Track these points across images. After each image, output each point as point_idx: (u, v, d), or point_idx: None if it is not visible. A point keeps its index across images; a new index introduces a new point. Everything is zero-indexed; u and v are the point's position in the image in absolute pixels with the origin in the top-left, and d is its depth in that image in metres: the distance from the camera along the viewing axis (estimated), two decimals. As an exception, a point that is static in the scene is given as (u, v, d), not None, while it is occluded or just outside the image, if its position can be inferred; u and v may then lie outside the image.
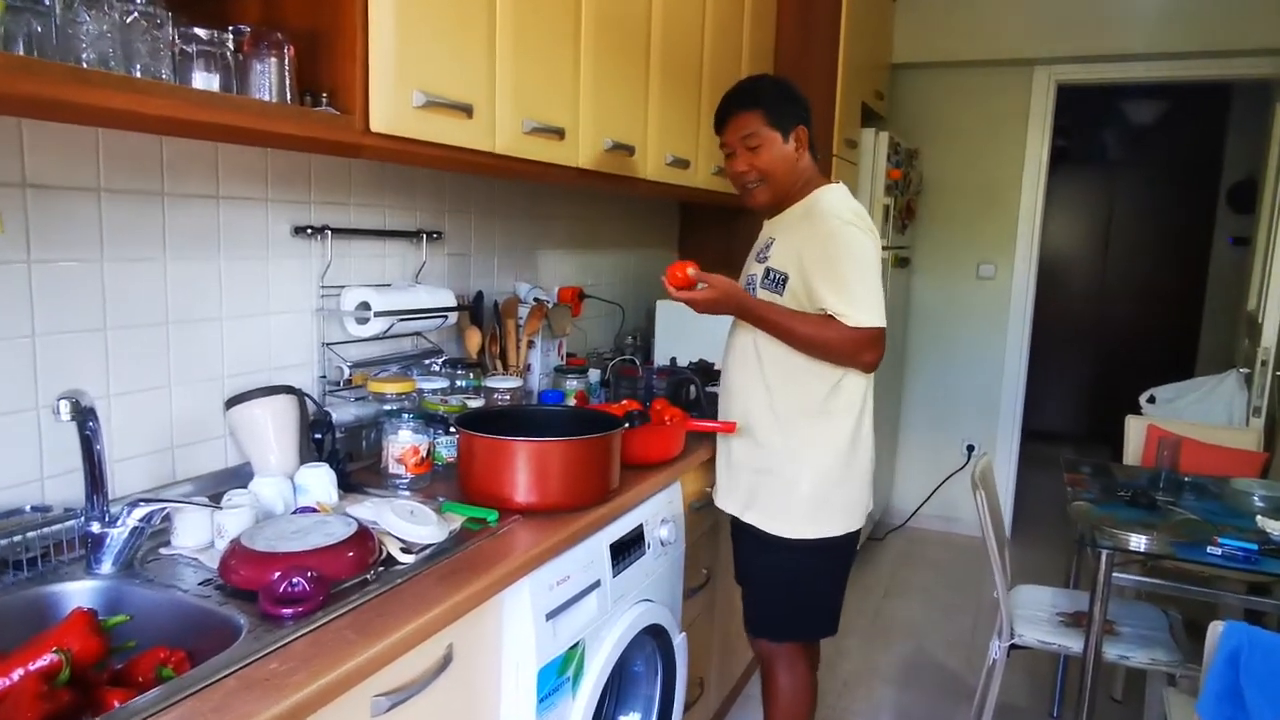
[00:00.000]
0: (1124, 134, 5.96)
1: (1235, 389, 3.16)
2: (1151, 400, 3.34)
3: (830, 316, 1.68)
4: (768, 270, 1.79)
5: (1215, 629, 1.43)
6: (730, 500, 1.90)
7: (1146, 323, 5.94)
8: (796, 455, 1.78)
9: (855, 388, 1.78)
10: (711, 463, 2.12)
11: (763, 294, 1.78)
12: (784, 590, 1.87)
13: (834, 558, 1.86)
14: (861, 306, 1.66)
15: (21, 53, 0.97)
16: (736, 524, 1.90)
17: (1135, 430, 2.98)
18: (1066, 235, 6.01)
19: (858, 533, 1.87)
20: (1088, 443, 5.94)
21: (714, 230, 3.35)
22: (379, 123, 1.32)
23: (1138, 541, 1.92)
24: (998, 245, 4.10)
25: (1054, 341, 5.88)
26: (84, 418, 1.12)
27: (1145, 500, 2.16)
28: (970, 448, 4.22)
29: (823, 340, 1.70)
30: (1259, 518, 2.07)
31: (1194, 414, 3.19)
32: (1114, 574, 1.97)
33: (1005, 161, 4.04)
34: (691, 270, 1.71)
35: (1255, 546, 1.85)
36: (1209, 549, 1.86)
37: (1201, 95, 5.39)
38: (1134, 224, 5.97)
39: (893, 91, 4.08)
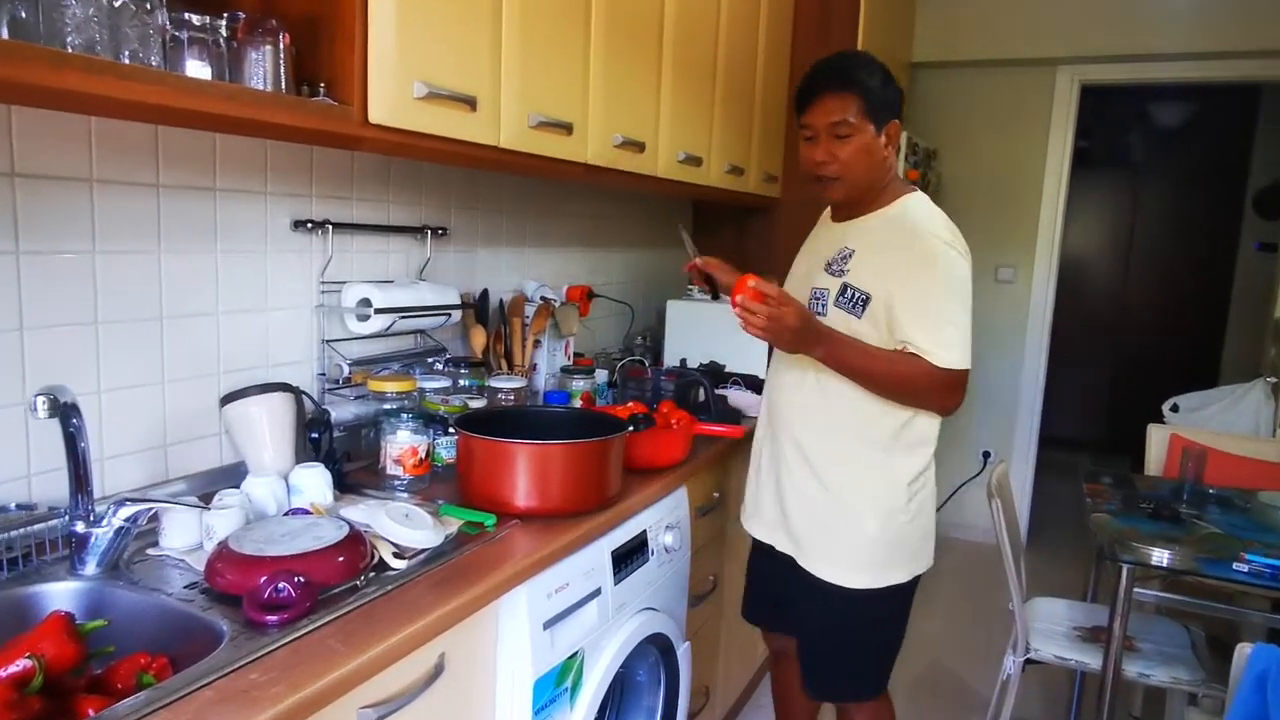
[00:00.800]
0: (1148, 136, 5.85)
1: (1262, 398, 3.07)
2: (1175, 409, 3.26)
3: (912, 354, 1.50)
4: (845, 287, 1.57)
5: (1243, 651, 1.37)
6: (780, 536, 1.72)
7: (1169, 329, 5.83)
8: (860, 492, 1.61)
9: (929, 423, 1.63)
10: (718, 466, 2.08)
11: (835, 313, 1.57)
12: (851, 647, 1.70)
13: (902, 604, 1.70)
14: (950, 346, 1.49)
15: (6, 37, 0.94)
16: (774, 556, 1.73)
17: (1157, 440, 2.90)
18: (1088, 239, 5.91)
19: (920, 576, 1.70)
20: (1107, 451, 5.84)
21: (728, 230, 3.30)
22: (378, 114, 1.28)
23: (1160, 556, 1.86)
24: (1017, 248, 4.02)
25: (1073, 347, 5.77)
26: (66, 414, 1.09)
27: (1169, 513, 2.09)
28: (986, 454, 4.15)
29: (900, 382, 1.53)
30: (1287, 533, 2.00)
31: (1219, 424, 3.10)
32: (1135, 589, 1.90)
33: (1026, 163, 3.97)
34: (752, 283, 1.47)
35: (1284, 563, 1.78)
36: (1235, 565, 1.79)
37: (1228, 97, 5.28)
38: (1157, 228, 5.86)
39: (912, 91, 4.01)
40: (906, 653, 3.01)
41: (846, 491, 1.61)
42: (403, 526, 1.27)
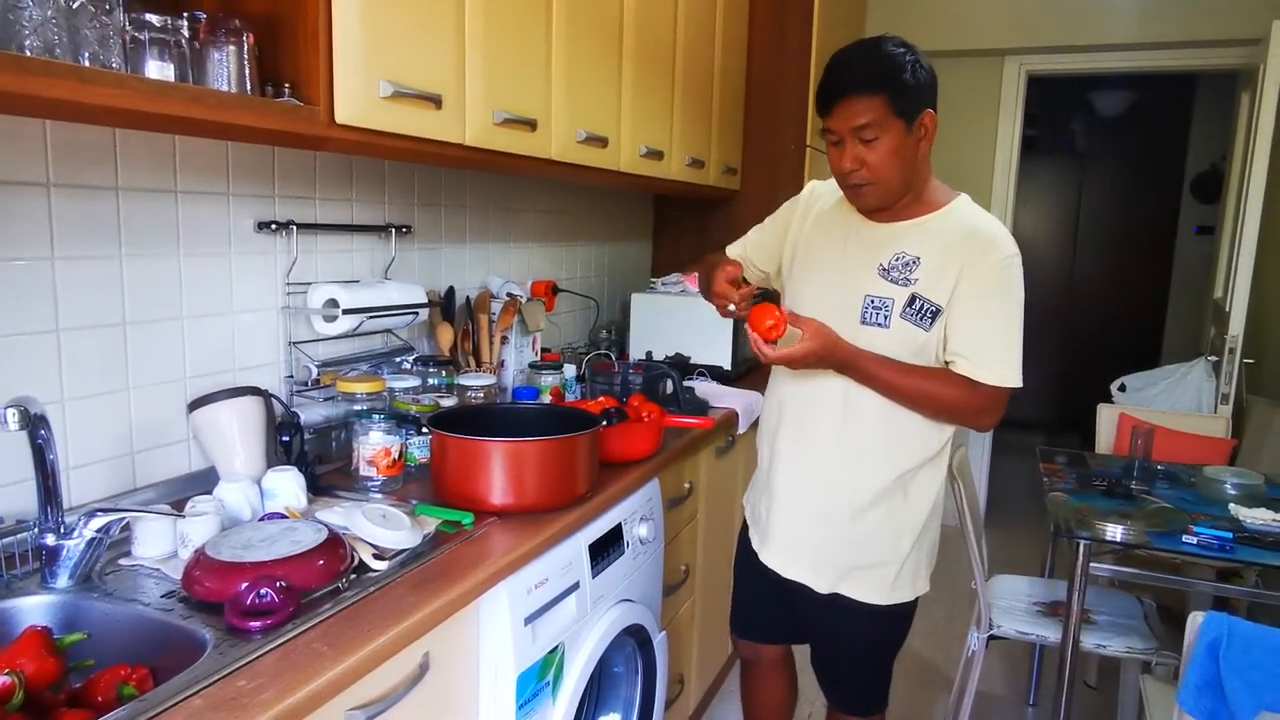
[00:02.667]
0: (1091, 124, 6.02)
1: (1204, 377, 3.20)
2: (1122, 388, 3.38)
3: (955, 373, 1.45)
4: (914, 298, 1.45)
5: (1195, 620, 1.44)
6: (813, 573, 1.60)
7: (1114, 311, 6.02)
8: (899, 520, 1.55)
9: (951, 443, 1.60)
10: (692, 456, 2.10)
11: (901, 325, 1.46)
12: (885, 660, 1.68)
13: (911, 618, 1.67)
14: (999, 363, 1.44)
15: (-42, 40, 0.92)
16: (805, 588, 1.62)
17: (1107, 418, 3.01)
18: (1035, 225, 6.06)
19: None
20: (1058, 430, 6.02)
21: (688, 222, 3.33)
22: (344, 114, 1.27)
23: (1114, 532, 1.93)
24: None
25: (1025, 331, 5.93)
26: (34, 426, 1.06)
27: (1121, 490, 2.17)
28: (944, 437, 4.24)
29: (945, 401, 1.47)
30: (1232, 506, 2.09)
31: (1164, 402, 3.22)
32: (1090, 564, 1.97)
33: (976, 152, 4.06)
34: (780, 312, 1.44)
35: (1230, 535, 1.87)
36: (1184, 538, 1.87)
37: (1166, 86, 5.45)
38: (1102, 214, 6.04)
39: (865, 82, 4.07)
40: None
41: (886, 516, 1.55)
42: (381, 528, 1.27)
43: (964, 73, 4.00)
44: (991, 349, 1.44)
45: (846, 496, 1.55)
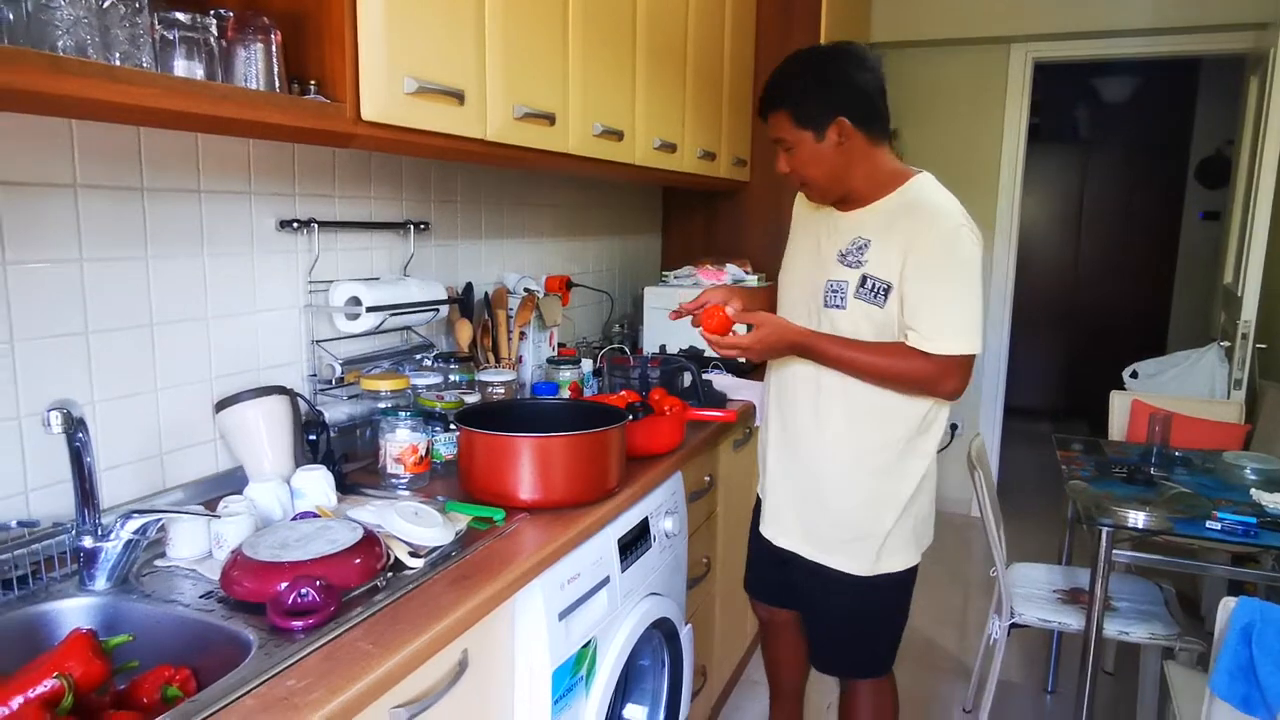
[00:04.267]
0: (1094, 111, 6.01)
1: (1216, 362, 3.19)
2: (1134, 375, 3.37)
3: (906, 345, 1.52)
4: (865, 278, 1.55)
5: (1227, 605, 1.44)
6: (804, 543, 1.71)
7: (1119, 298, 6.02)
8: (880, 495, 1.62)
9: (941, 418, 1.64)
10: (712, 449, 2.10)
11: (856, 305, 1.56)
12: (869, 631, 1.75)
13: (910, 585, 1.74)
14: (951, 330, 1.50)
15: (-5, 42, 0.91)
16: (796, 555, 1.73)
17: (1120, 405, 3.01)
18: (1040, 213, 6.06)
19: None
20: (1065, 417, 6.02)
21: (698, 214, 3.32)
22: (370, 111, 1.27)
23: (1136, 518, 1.93)
24: (978, 223, 4.08)
25: (1029, 318, 5.93)
26: (73, 428, 1.06)
27: (1141, 476, 2.17)
28: (954, 427, 4.24)
29: (897, 373, 1.54)
30: (1253, 491, 2.09)
31: (1176, 388, 3.22)
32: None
33: (983, 140, 4.05)
34: (730, 310, 1.58)
35: (1254, 520, 1.87)
36: (1208, 524, 1.87)
37: (1169, 71, 5.44)
38: (1106, 201, 6.03)
39: (871, 71, 4.06)
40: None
41: (865, 491, 1.63)
42: (415, 525, 1.27)
43: (970, 61, 3.99)
44: (939, 319, 1.50)
45: (826, 473, 1.65)
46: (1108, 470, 2.29)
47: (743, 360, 1.61)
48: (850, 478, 1.64)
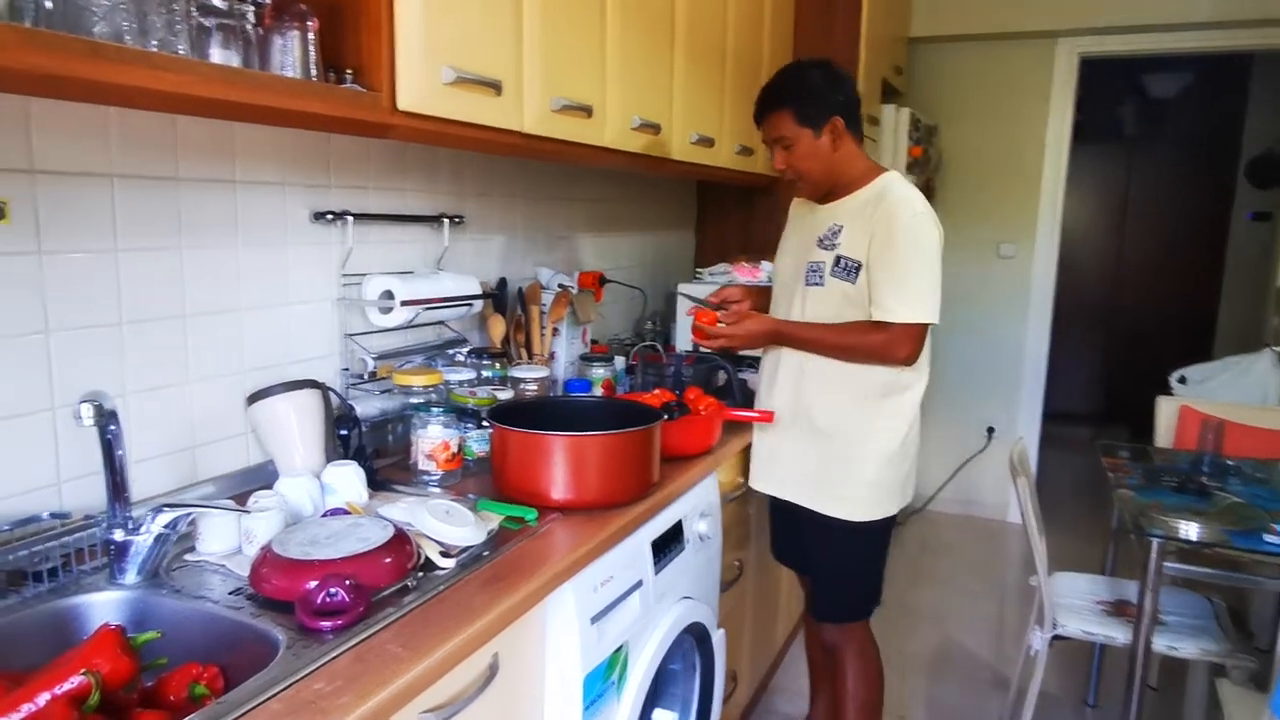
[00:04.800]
0: (1140, 109, 5.85)
1: (1270, 368, 3.08)
2: (1183, 380, 3.27)
3: (864, 323, 1.72)
4: (839, 258, 1.75)
5: (1290, 624, 1.36)
6: (790, 488, 1.89)
7: (1163, 301, 5.86)
8: (863, 442, 1.79)
9: (917, 374, 1.80)
10: (745, 452, 2.06)
11: (833, 282, 1.76)
12: (855, 573, 1.90)
13: (887, 534, 1.91)
14: (908, 300, 1.67)
15: (32, 26, 0.89)
16: (791, 509, 1.90)
17: (1167, 412, 2.90)
18: (1082, 213, 5.91)
19: None
20: (1106, 423, 5.88)
21: (734, 211, 3.27)
22: (407, 101, 1.24)
23: (1189, 530, 1.86)
24: (1019, 224, 4.01)
25: (1070, 320, 5.78)
26: (105, 421, 1.05)
27: (1194, 486, 2.09)
28: (990, 430, 4.16)
29: (863, 346, 1.73)
30: (1312, 503, 2.00)
31: (1227, 394, 3.11)
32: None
33: (1026, 138, 3.95)
34: (712, 312, 1.81)
35: (1314, 534, 1.79)
36: (1266, 537, 1.80)
37: (1220, 67, 5.28)
38: (1151, 201, 5.87)
39: (912, 66, 3.98)
40: (920, 630, 3.05)
41: (849, 440, 1.80)
42: (446, 524, 1.24)
43: (1014, 56, 3.89)
44: (895, 292, 1.68)
45: (823, 433, 1.82)
46: (1156, 479, 2.21)
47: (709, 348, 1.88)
48: (841, 434, 1.81)
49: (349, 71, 1.23)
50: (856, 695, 1.93)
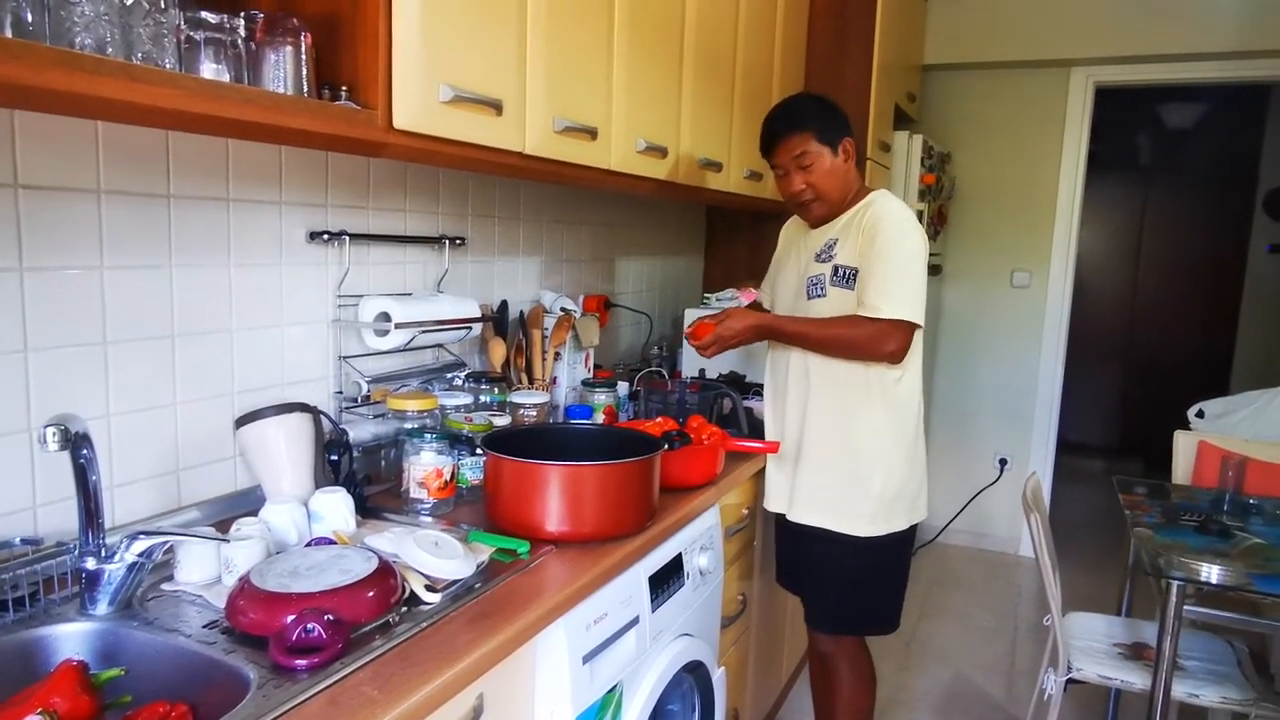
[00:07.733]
0: (1156, 139, 5.81)
1: (1291, 404, 3.00)
2: (1200, 415, 3.19)
3: (851, 316, 1.75)
4: (836, 268, 1.82)
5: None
6: (798, 508, 1.89)
7: (1179, 332, 5.78)
8: (869, 456, 1.81)
9: (911, 382, 1.84)
10: (754, 480, 2.00)
11: (834, 291, 1.82)
12: (849, 584, 1.90)
13: (901, 551, 1.91)
14: (893, 298, 1.71)
15: (9, 35, 0.86)
16: (799, 527, 1.90)
17: (1185, 446, 2.83)
18: (1097, 243, 5.86)
19: (917, 524, 1.93)
20: (1119, 455, 5.79)
21: (742, 235, 3.24)
22: (403, 119, 1.21)
23: (1210, 572, 1.78)
24: (1033, 252, 3.96)
25: (1083, 351, 5.71)
26: (76, 445, 1.01)
27: (1216, 526, 2.02)
28: (1003, 461, 4.08)
29: (848, 339, 1.76)
30: (1338, 545, 1.93)
31: (1247, 430, 3.03)
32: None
33: (1041, 166, 3.91)
34: (708, 322, 1.84)
35: (1342, 579, 1.71)
36: (1292, 581, 1.72)
37: (1236, 98, 5.23)
38: (1166, 231, 5.81)
39: (925, 94, 3.96)
40: (930, 666, 2.96)
41: (855, 455, 1.82)
42: (433, 556, 1.19)
43: (1028, 84, 3.86)
44: (880, 291, 1.72)
45: (821, 441, 1.85)
46: (1176, 517, 2.14)
47: (704, 354, 1.87)
48: (844, 450, 1.83)
49: (344, 88, 1.20)
50: (849, 706, 1.98)
